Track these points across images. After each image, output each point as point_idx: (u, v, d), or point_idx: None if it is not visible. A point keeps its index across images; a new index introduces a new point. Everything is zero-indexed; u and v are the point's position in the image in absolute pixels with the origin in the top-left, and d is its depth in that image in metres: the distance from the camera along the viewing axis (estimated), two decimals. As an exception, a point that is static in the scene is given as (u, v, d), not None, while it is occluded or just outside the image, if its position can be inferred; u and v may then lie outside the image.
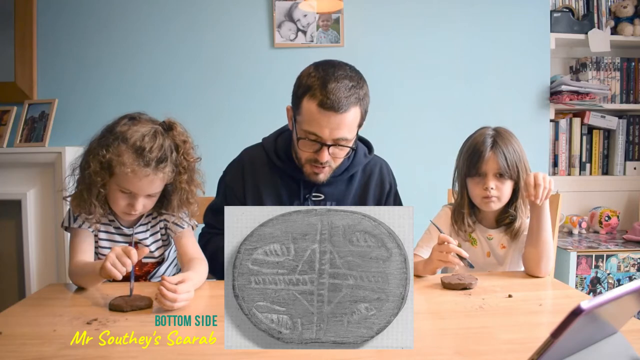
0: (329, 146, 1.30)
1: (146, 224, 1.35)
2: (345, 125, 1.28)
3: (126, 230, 1.33)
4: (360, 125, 1.35)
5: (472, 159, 1.41)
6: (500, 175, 1.39)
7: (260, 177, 1.45)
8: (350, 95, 1.26)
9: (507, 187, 1.41)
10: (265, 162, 1.47)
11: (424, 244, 1.49)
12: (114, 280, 1.15)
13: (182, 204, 1.30)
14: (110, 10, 2.47)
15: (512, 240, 1.46)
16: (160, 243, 1.37)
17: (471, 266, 1.26)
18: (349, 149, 1.34)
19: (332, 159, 1.34)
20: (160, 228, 1.36)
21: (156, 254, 1.36)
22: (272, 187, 1.44)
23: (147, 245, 1.32)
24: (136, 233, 1.33)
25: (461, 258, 1.25)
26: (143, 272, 1.36)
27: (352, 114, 1.28)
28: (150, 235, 1.35)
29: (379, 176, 1.51)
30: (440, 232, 1.27)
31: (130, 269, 1.08)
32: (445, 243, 1.24)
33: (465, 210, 1.47)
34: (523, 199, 1.42)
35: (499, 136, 1.41)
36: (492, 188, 1.39)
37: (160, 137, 1.22)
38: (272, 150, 1.46)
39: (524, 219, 1.44)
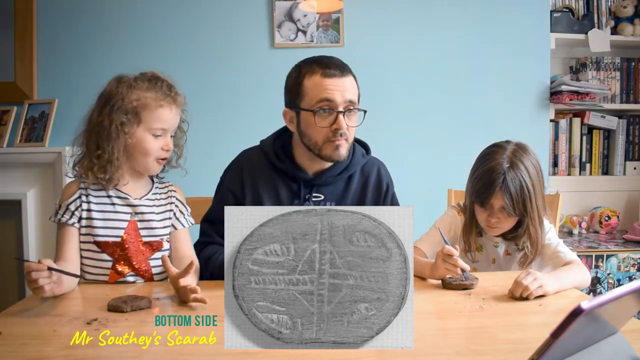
0: (343, 113, 1.35)
1: (153, 199, 1.35)
2: (350, 88, 1.36)
3: (132, 200, 1.31)
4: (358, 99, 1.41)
5: (480, 190, 1.38)
6: (504, 209, 1.37)
7: (259, 179, 1.45)
8: (345, 65, 1.38)
9: (511, 220, 1.41)
10: (264, 163, 1.47)
11: (427, 239, 1.50)
12: (117, 282, 1.15)
13: (180, 143, 1.38)
14: (111, 10, 2.47)
15: (518, 250, 1.46)
16: (167, 222, 1.36)
17: (468, 279, 1.25)
18: (358, 116, 1.40)
19: (347, 130, 1.37)
20: (168, 210, 1.36)
21: (164, 232, 1.35)
22: (271, 188, 1.44)
23: (154, 221, 1.33)
24: (141, 205, 1.32)
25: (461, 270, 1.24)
26: (154, 249, 1.34)
27: (352, 81, 1.38)
28: (157, 214, 1.34)
29: (377, 177, 1.52)
30: (446, 243, 1.26)
31: (43, 275, 1.03)
32: (453, 257, 1.23)
33: (473, 230, 1.48)
34: (533, 223, 1.40)
35: (512, 169, 1.35)
36: (495, 220, 1.40)
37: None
38: (271, 152, 1.46)
39: (538, 235, 1.41)
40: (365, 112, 1.39)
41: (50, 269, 1.04)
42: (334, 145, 1.37)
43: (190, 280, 1.10)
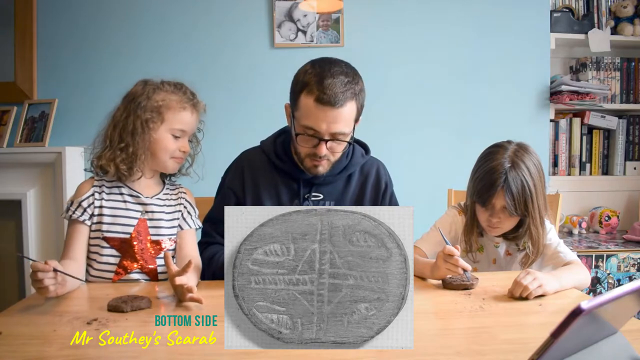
0: (326, 141, 1.32)
1: (164, 199, 1.38)
2: (342, 119, 1.30)
3: (144, 199, 1.34)
4: (357, 120, 1.36)
5: (482, 190, 1.38)
6: (505, 209, 1.37)
7: (259, 178, 1.46)
8: (346, 91, 1.28)
9: (512, 220, 1.41)
10: (265, 162, 1.48)
11: (427, 239, 1.50)
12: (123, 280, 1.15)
13: (193, 152, 1.43)
14: (111, 11, 2.47)
15: (519, 250, 1.47)
16: (175, 222, 1.38)
17: (469, 279, 1.25)
18: (346, 143, 1.36)
19: (331, 153, 1.36)
20: (177, 211, 1.39)
21: (172, 232, 1.37)
22: (271, 187, 1.45)
23: (163, 220, 1.35)
24: (152, 204, 1.34)
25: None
26: (160, 248, 1.35)
27: (348, 109, 1.30)
28: (167, 214, 1.37)
29: (376, 176, 1.52)
30: (447, 243, 1.26)
31: (49, 276, 1.05)
32: (454, 256, 1.22)
33: (474, 231, 1.48)
34: (535, 223, 1.39)
35: (514, 169, 1.35)
36: (496, 220, 1.40)
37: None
38: (271, 151, 1.47)
39: (539, 235, 1.41)
40: (350, 144, 1.38)
41: (55, 270, 1.05)
42: (313, 163, 1.38)
43: (186, 280, 1.10)
